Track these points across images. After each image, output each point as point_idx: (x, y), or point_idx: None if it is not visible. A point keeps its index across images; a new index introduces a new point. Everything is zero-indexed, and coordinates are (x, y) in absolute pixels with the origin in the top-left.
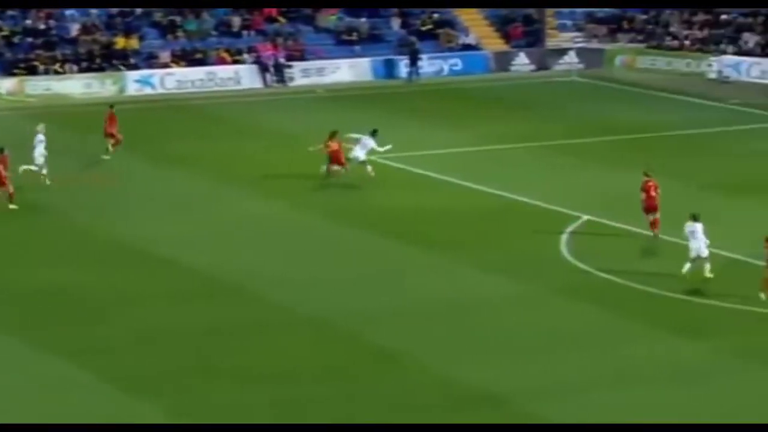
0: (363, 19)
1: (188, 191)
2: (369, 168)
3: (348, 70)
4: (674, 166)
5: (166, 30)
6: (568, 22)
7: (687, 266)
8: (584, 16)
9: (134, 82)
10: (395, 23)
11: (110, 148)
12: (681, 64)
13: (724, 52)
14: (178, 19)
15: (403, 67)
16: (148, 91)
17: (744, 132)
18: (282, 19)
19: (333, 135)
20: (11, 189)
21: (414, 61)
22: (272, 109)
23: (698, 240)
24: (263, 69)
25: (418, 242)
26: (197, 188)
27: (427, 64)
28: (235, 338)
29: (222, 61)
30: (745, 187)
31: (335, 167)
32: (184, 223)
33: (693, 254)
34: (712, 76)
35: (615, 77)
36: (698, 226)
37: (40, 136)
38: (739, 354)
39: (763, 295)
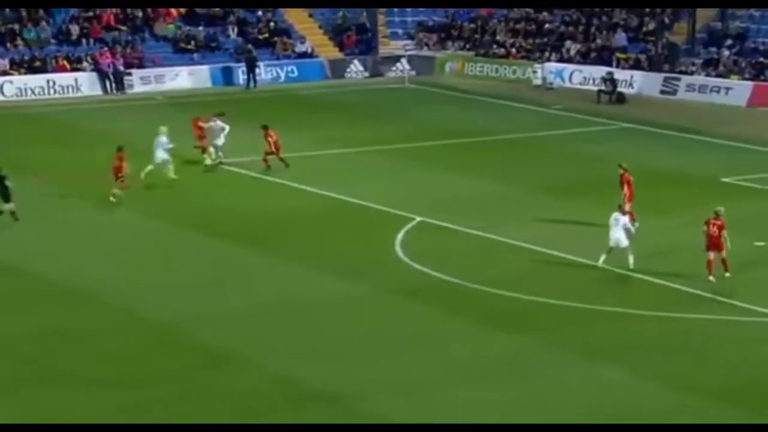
0: (200, 28)
1: (29, 198)
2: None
3: (187, 77)
4: (503, 168)
5: (5, 38)
6: (400, 31)
7: (603, 257)
8: (415, 24)
9: None
10: (232, 31)
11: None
12: (508, 71)
13: (548, 60)
14: (16, 27)
15: (240, 74)
16: None
17: (567, 135)
18: (121, 27)
19: (266, 127)
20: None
21: (251, 68)
22: (112, 116)
23: (619, 230)
24: (103, 76)
25: (255, 244)
26: (38, 195)
27: (264, 72)
28: (71, 343)
29: (62, 69)
30: (569, 188)
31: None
32: (25, 230)
33: (612, 244)
34: (537, 82)
35: (445, 84)
36: (622, 218)
37: (163, 138)
38: (571, 349)
39: (712, 278)
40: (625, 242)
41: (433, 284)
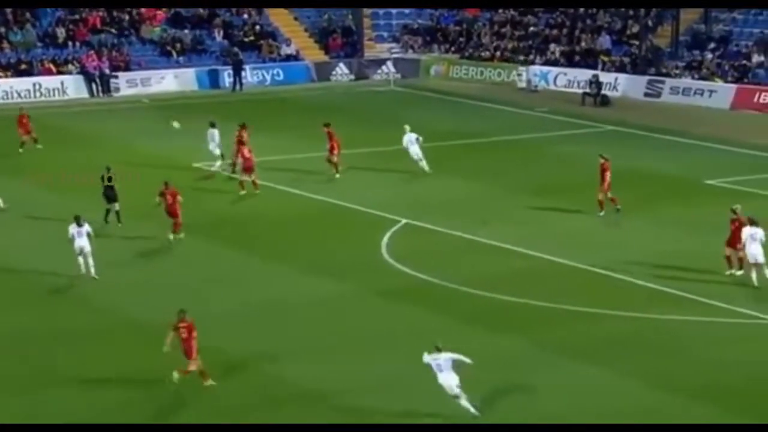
0: (186, 31)
1: (19, 200)
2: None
3: (173, 80)
4: (487, 171)
5: None
6: (385, 34)
7: (754, 275)
8: (400, 27)
9: None
10: (218, 34)
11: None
12: (493, 74)
13: (533, 63)
14: (2, 30)
15: (227, 77)
16: None
17: (552, 138)
18: (108, 30)
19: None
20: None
21: (237, 71)
22: (99, 118)
23: (756, 246)
24: (89, 79)
25: (241, 246)
26: (28, 196)
27: (250, 74)
28: (63, 343)
29: (48, 72)
30: (552, 190)
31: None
32: (17, 230)
33: (751, 260)
34: (522, 85)
35: (431, 86)
36: (759, 231)
37: (413, 135)
38: (550, 349)
39: (731, 272)
40: (762, 258)
41: (417, 285)
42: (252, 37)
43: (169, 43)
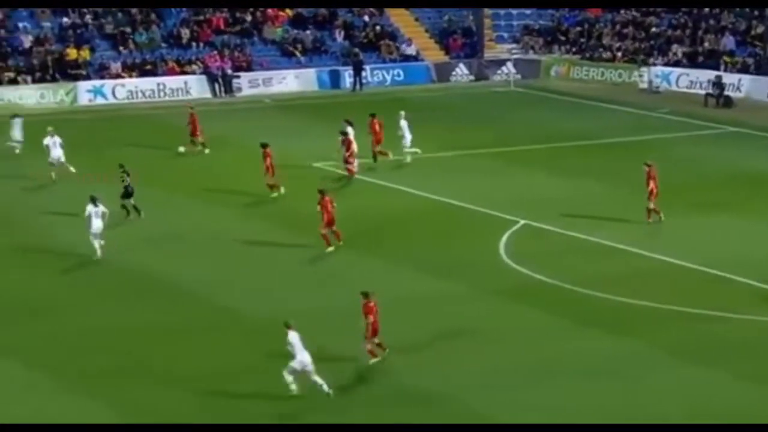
0: (308, 31)
1: (138, 198)
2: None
3: (294, 81)
4: (607, 172)
5: (117, 41)
6: (505, 34)
7: None
8: (521, 28)
9: (86, 93)
10: (339, 35)
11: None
12: (613, 74)
13: (654, 64)
14: (128, 30)
15: (347, 77)
16: (99, 101)
17: (673, 139)
18: (230, 31)
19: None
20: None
21: (358, 71)
22: (222, 118)
23: None
24: (212, 79)
25: (360, 245)
26: (146, 195)
27: (371, 75)
28: (166, 338)
29: (171, 72)
30: (672, 192)
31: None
32: (129, 227)
33: None
34: (643, 86)
35: (551, 87)
36: None
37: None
38: (666, 351)
39: None
40: None
41: (534, 285)
42: (372, 38)
43: (291, 44)
